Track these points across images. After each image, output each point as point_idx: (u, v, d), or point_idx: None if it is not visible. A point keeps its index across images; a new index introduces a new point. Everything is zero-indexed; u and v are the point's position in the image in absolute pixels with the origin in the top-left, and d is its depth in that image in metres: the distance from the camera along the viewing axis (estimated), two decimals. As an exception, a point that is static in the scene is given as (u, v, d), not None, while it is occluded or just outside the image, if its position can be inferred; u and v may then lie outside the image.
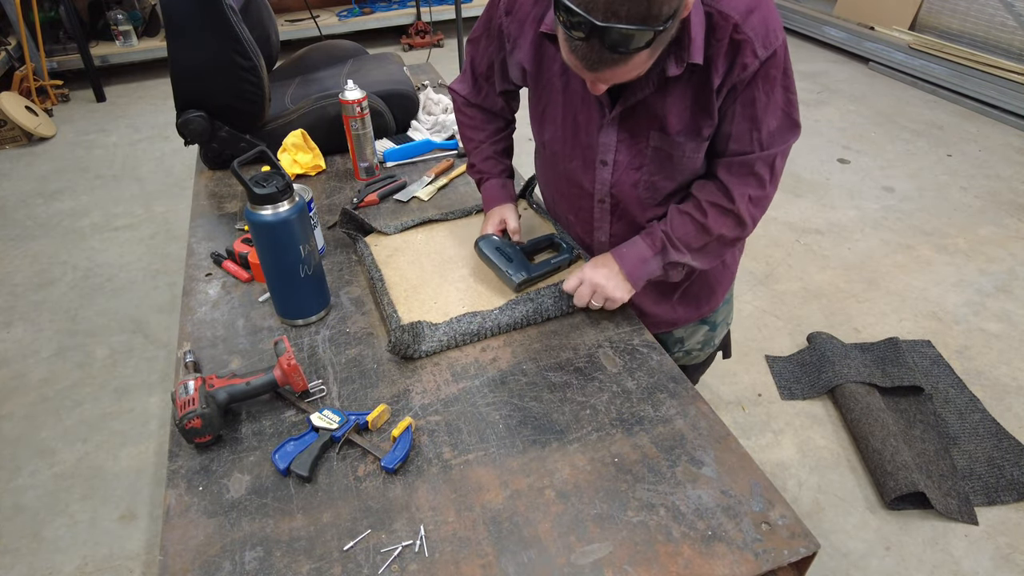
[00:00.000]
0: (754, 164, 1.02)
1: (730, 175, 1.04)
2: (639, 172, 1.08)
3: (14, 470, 1.89)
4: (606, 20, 0.76)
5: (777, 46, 0.92)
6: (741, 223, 1.07)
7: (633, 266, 1.09)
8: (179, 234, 2.94)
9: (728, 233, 1.08)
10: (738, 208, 1.04)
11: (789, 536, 0.78)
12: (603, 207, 1.16)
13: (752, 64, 0.92)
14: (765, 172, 1.03)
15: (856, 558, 1.62)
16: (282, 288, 1.10)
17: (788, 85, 0.97)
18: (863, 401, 1.94)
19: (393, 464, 0.87)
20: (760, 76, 0.94)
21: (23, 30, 4.05)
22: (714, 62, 0.93)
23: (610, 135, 1.06)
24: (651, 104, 1.00)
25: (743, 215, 1.05)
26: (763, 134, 0.99)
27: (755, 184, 1.03)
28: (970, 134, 3.67)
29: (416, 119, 1.81)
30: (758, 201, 1.06)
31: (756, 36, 0.91)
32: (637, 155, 1.06)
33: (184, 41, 1.47)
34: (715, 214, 1.06)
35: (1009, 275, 2.57)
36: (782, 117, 0.99)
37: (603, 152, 1.08)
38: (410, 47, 5.12)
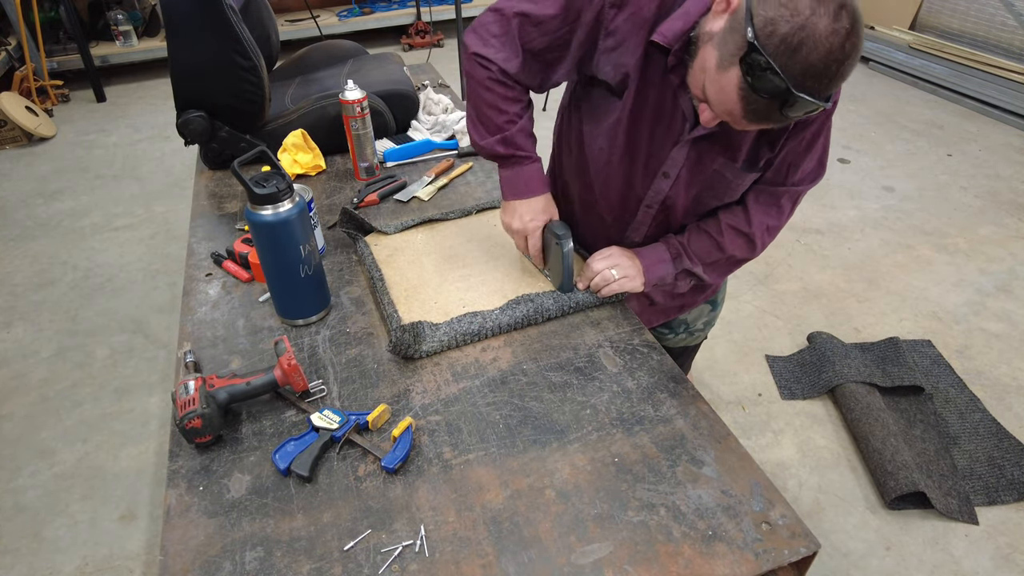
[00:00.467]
0: (781, 196, 1.09)
1: (756, 202, 1.11)
2: (694, 188, 1.12)
3: (14, 470, 1.89)
4: (797, 88, 0.78)
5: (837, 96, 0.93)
6: (752, 247, 1.15)
7: (651, 263, 1.16)
8: (179, 234, 2.94)
9: (739, 254, 1.15)
10: (753, 233, 1.12)
11: (789, 536, 0.78)
12: (649, 212, 1.18)
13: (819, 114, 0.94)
14: (787, 205, 1.11)
15: (856, 558, 1.62)
16: (282, 288, 1.10)
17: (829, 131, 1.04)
18: (863, 401, 1.94)
19: (393, 464, 0.87)
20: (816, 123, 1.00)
21: (23, 30, 4.05)
22: None
23: (682, 152, 1.07)
24: (730, 133, 1.01)
25: (756, 240, 1.13)
26: (800, 172, 1.06)
27: (775, 214, 1.11)
28: (970, 134, 3.66)
29: (416, 119, 1.81)
30: (772, 231, 1.14)
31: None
32: (699, 174, 1.09)
33: (184, 41, 1.47)
34: (731, 235, 1.13)
35: (1009, 275, 2.57)
36: (818, 160, 1.06)
37: (669, 166, 1.09)
38: (410, 47, 5.12)
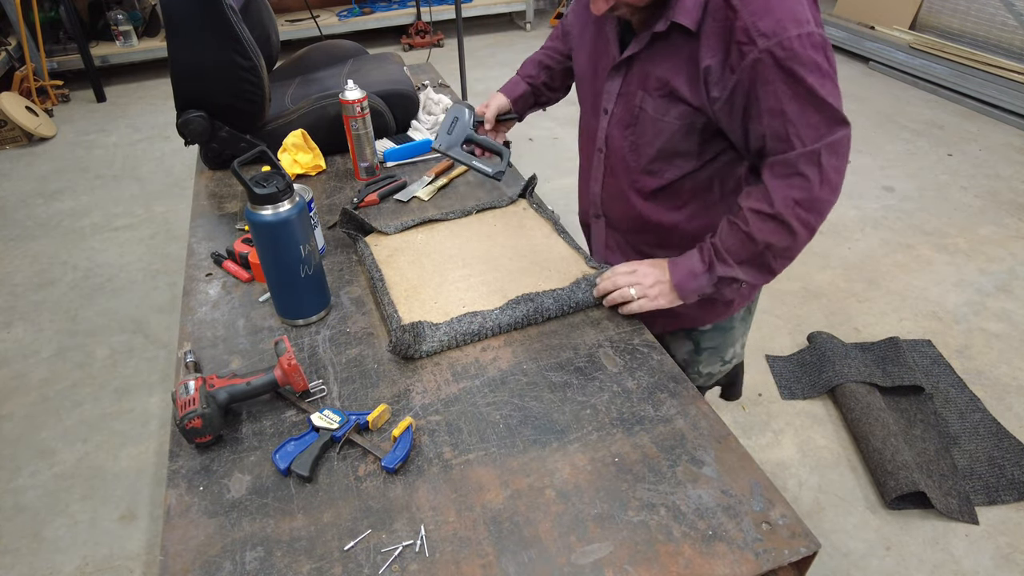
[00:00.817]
0: (796, 163, 0.94)
1: (773, 177, 0.97)
2: (627, 130, 1.09)
3: (14, 470, 1.89)
4: None
5: (786, 36, 0.86)
6: (789, 230, 0.98)
7: (683, 277, 1.07)
8: (179, 234, 2.94)
9: (776, 242, 1.00)
10: (781, 213, 0.97)
11: (789, 536, 0.78)
12: (600, 156, 1.18)
13: (750, 51, 0.88)
14: (811, 171, 0.94)
15: (856, 558, 1.62)
16: (282, 288, 1.10)
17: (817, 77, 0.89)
18: (863, 401, 1.94)
19: (393, 464, 0.87)
20: (772, 66, 0.88)
21: (23, 30, 4.05)
22: (706, 38, 0.92)
23: (614, 84, 1.08)
24: (643, 60, 1.02)
25: (789, 220, 0.97)
26: (799, 128, 0.92)
27: (800, 185, 0.95)
28: (970, 134, 3.67)
29: (416, 119, 1.81)
30: (807, 204, 0.96)
31: (754, 20, 0.86)
32: (628, 111, 1.07)
33: (184, 41, 1.47)
34: (757, 221, 0.99)
35: (1009, 275, 2.57)
36: (817, 109, 0.91)
37: (606, 100, 1.11)
38: (410, 47, 5.12)
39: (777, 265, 1.04)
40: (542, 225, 1.36)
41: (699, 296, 1.08)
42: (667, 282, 1.08)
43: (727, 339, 1.29)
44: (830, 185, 0.96)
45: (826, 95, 0.90)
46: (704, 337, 1.27)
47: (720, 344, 1.29)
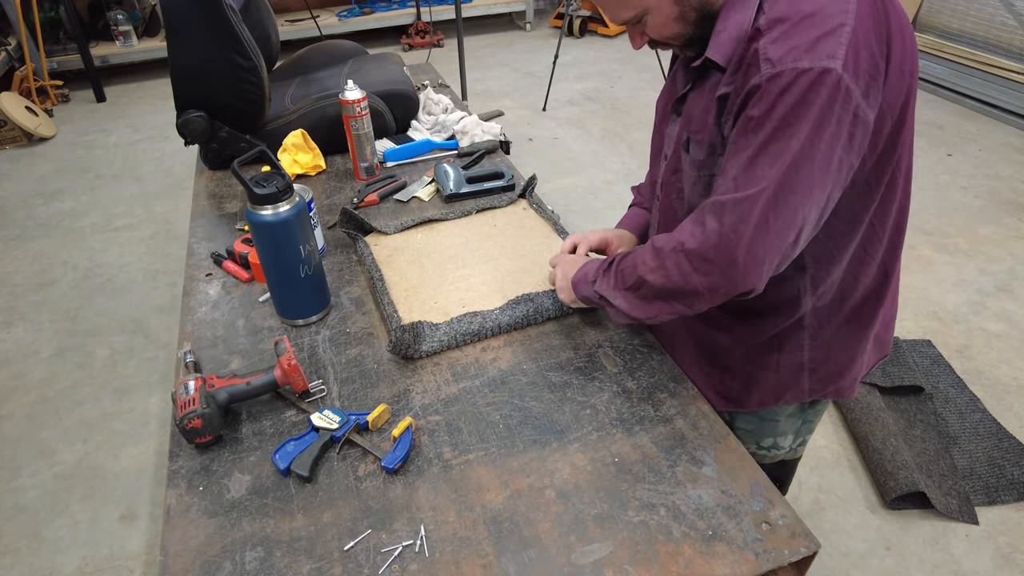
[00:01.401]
0: (704, 209, 0.82)
1: (690, 218, 0.85)
2: (674, 175, 0.97)
3: (14, 470, 1.89)
4: None
5: (790, 68, 0.71)
6: (664, 271, 0.86)
7: (579, 277, 1.02)
8: (179, 234, 2.94)
9: (652, 280, 0.88)
10: (663, 250, 0.86)
11: (789, 536, 0.78)
12: (658, 203, 1.06)
13: (753, 76, 0.74)
14: (711, 224, 0.80)
15: (856, 558, 1.62)
16: (282, 288, 1.10)
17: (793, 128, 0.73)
18: (863, 401, 1.94)
19: (393, 464, 0.87)
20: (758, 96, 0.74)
21: (23, 30, 4.05)
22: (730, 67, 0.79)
23: (673, 129, 0.96)
24: (688, 102, 0.90)
25: (667, 262, 0.85)
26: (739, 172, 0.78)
27: (695, 235, 0.82)
28: (970, 134, 3.67)
29: (416, 119, 1.81)
30: (692, 258, 0.82)
31: (767, 44, 0.73)
32: (677, 158, 0.96)
33: (184, 41, 1.47)
34: (646, 251, 0.89)
35: (1009, 274, 2.57)
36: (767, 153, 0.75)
37: (668, 144, 0.99)
38: (410, 47, 5.12)
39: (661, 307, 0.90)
40: (542, 225, 1.36)
41: (587, 304, 1.03)
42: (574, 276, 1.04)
43: (765, 428, 1.12)
44: (726, 250, 0.79)
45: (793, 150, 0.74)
46: (737, 418, 1.12)
47: (756, 429, 1.12)
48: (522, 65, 4.76)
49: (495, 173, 1.50)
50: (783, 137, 0.74)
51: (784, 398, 1.05)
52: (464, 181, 1.48)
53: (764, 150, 0.75)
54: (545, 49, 5.03)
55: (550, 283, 1.12)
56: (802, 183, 0.75)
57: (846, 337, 1.00)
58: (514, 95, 4.28)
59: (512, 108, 4.11)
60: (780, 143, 0.74)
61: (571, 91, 4.29)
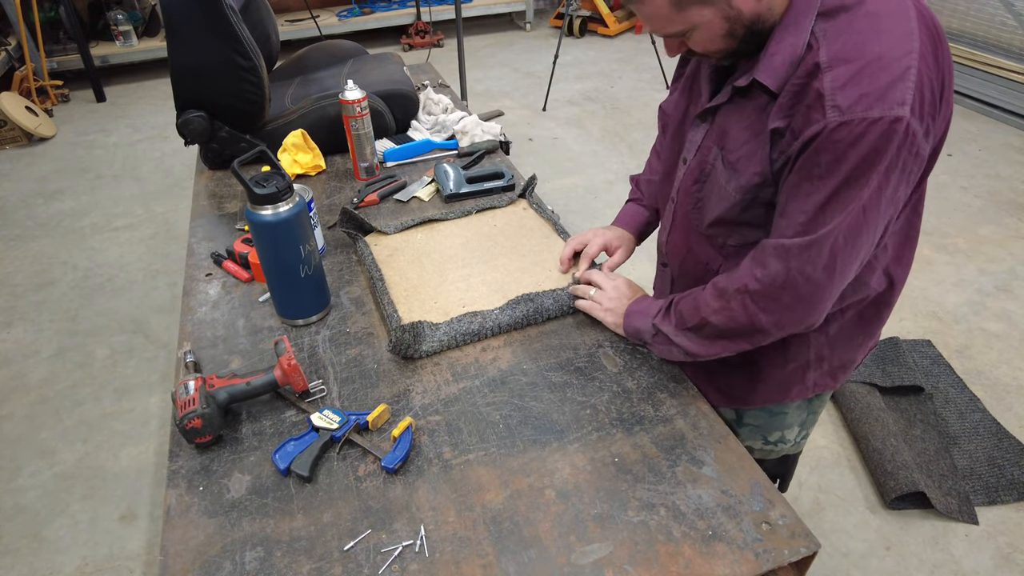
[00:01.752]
0: (767, 250, 0.84)
1: (751, 258, 0.88)
2: (695, 185, 0.98)
3: (14, 470, 1.90)
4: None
5: (860, 117, 0.70)
6: (730, 312, 0.90)
7: (635, 311, 1.04)
8: (179, 234, 2.94)
9: (716, 321, 0.91)
10: (729, 293, 0.89)
11: (789, 536, 0.78)
12: (671, 207, 1.07)
13: (817, 121, 0.73)
14: (776, 268, 0.83)
15: (856, 558, 1.62)
16: (282, 288, 1.10)
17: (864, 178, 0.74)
18: (863, 401, 1.94)
19: (393, 464, 0.87)
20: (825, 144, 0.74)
21: (23, 30, 4.05)
22: (783, 98, 0.79)
23: (696, 134, 0.96)
24: (722, 115, 0.90)
25: (733, 304, 0.89)
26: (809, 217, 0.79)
27: (760, 277, 0.85)
28: (970, 134, 3.67)
29: (416, 119, 1.81)
30: (758, 299, 0.86)
31: (834, 88, 0.72)
32: (700, 166, 0.96)
33: (184, 41, 1.47)
34: (709, 294, 0.92)
35: (1009, 274, 2.57)
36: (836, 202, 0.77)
37: (688, 149, 0.99)
38: (410, 47, 5.12)
39: (718, 347, 0.94)
40: (542, 225, 1.36)
41: (636, 337, 1.03)
42: (627, 305, 1.06)
43: (774, 422, 1.14)
44: (792, 292, 0.84)
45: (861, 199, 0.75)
46: (746, 415, 1.15)
47: (764, 424, 1.15)
48: (522, 65, 4.76)
49: (495, 173, 1.50)
50: (854, 187, 0.75)
51: (790, 395, 1.07)
52: (464, 181, 1.48)
53: (834, 198, 0.77)
54: (545, 49, 5.03)
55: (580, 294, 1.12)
56: (868, 225, 0.78)
57: (851, 337, 1.02)
58: (514, 95, 4.28)
59: (512, 108, 4.11)
60: (851, 192, 0.75)
61: (571, 91, 4.29)
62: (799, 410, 1.12)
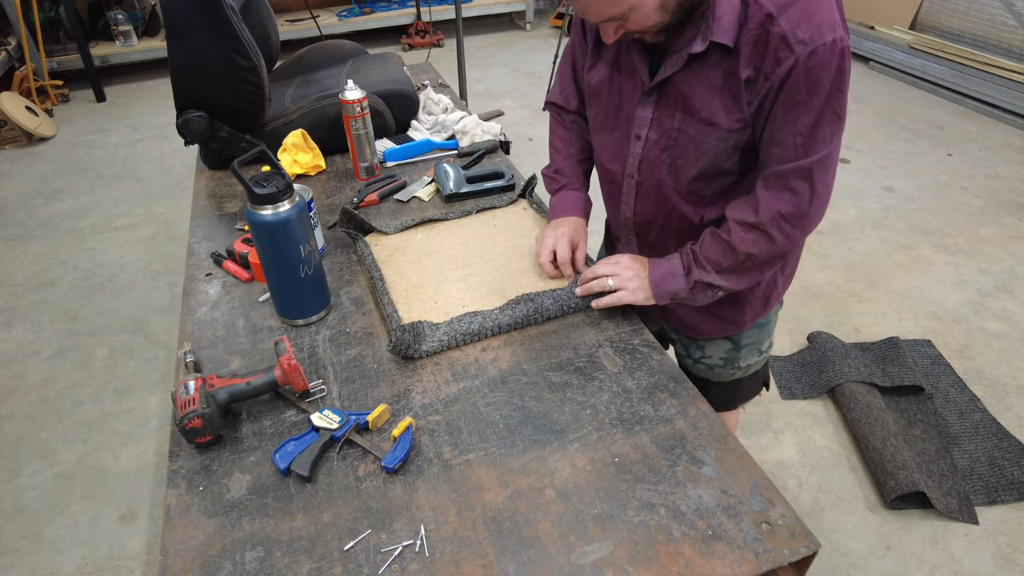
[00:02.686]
0: (788, 177, 0.96)
1: (766, 188, 0.98)
2: (665, 152, 1.06)
3: (14, 470, 1.90)
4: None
5: (822, 43, 0.85)
6: (770, 240, 1.00)
7: (660, 276, 1.08)
8: (179, 234, 2.94)
9: (756, 251, 1.01)
10: (763, 223, 0.98)
11: (789, 536, 0.78)
12: (631, 182, 1.14)
13: (786, 58, 0.87)
14: (802, 187, 0.96)
15: (856, 558, 1.62)
16: (282, 288, 1.10)
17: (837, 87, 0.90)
18: (863, 401, 1.94)
19: (393, 464, 0.87)
20: (800, 74, 0.88)
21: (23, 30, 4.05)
22: (744, 50, 0.90)
23: (646, 109, 1.04)
24: (678, 83, 0.98)
25: (771, 232, 0.99)
26: (805, 139, 0.92)
27: (788, 199, 0.97)
28: (970, 134, 3.67)
29: (416, 119, 1.81)
30: (792, 220, 0.98)
31: (793, 28, 0.86)
32: (664, 135, 1.04)
33: (184, 41, 1.47)
34: (740, 231, 1.01)
35: (1009, 274, 2.57)
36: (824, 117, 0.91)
37: (639, 126, 1.07)
38: (410, 47, 5.12)
39: (758, 272, 1.06)
40: (542, 225, 1.36)
41: (673, 299, 1.09)
42: (646, 278, 1.09)
43: (764, 332, 1.31)
44: (818, 202, 0.97)
45: (840, 108, 0.91)
46: (744, 336, 1.28)
47: (758, 338, 1.30)
48: (522, 65, 4.76)
49: (495, 173, 1.50)
50: (834, 101, 0.90)
51: (769, 304, 1.24)
52: (464, 181, 1.47)
53: (823, 116, 0.91)
54: (545, 49, 5.03)
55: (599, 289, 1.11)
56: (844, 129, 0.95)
57: None
58: (514, 95, 4.28)
59: (512, 108, 4.11)
60: (833, 106, 0.91)
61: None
62: (775, 314, 1.30)
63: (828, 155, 0.94)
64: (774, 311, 1.28)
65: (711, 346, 1.31)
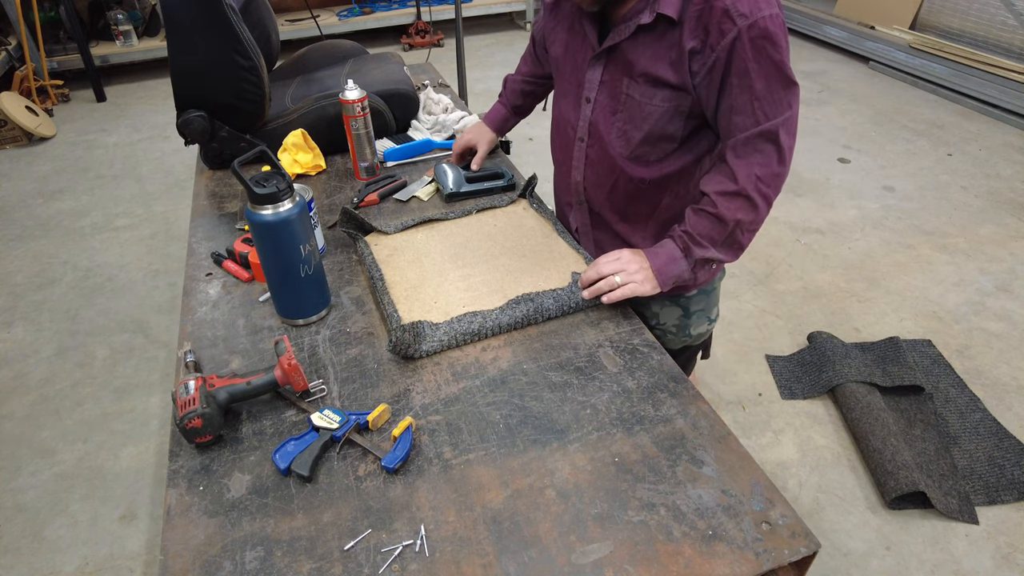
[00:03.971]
0: (755, 140, 1.03)
1: (736, 156, 1.05)
2: (614, 116, 1.13)
3: (14, 470, 1.90)
4: None
5: (760, 16, 0.94)
6: (752, 204, 1.07)
7: (663, 263, 1.12)
8: (179, 234, 2.94)
9: (743, 217, 1.07)
10: (744, 188, 1.05)
11: (789, 536, 0.78)
12: (581, 146, 1.22)
13: (730, 30, 0.95)
14: (769, 148, 1.03)
15: (856, 558, 1.62)
16: (282, 288, 1.10)
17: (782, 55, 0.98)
18: (863, 401, 1.94)
19: (393, 464, 0.87)
20: (746, 44, 0.95)
21: (23, 30, 4.05)
22: (688, 23, 0.97)
23: (596, 73, 1.13)
24: (626, 49, 1.06)
25: (752, 195, 1.05)
26: (764, 104, 1.00)
27: (760, 161, 1.04)
28: (971, 133, 3.67)
29: (416, 119, 1.81)
30: (767, 180, 1.05)
31: (734, 3, 0.94)
32: (613, 98, 1.12)
33: (184, 41, 1.47)
34: (724, 201, 1.07)
35: (1009, 274, 2.57)
36: (782, 85, 0.99)
37: (588, 89, 1.15)
38: (410, 47, 5.12)
39: (745, 240, 1.12)
40: (542, 225, 1.36)
41: (676, 282, 1.13)
42: (649, 268, 1.12)
43: (711, 299, 1.38)
44: (785, 160, 1.05)
45: (789, 72, 0.99)
46: (692, 302, 1.35)
47: (706, 305, 1.37)
48: (522, 65, 4.75)
49: (495, 173, 1.50)
50: (782, 66, 0.98)
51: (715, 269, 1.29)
52: (464, 181, 1.48)
53: (776, 80, 0.99)
54: (545, 49, 5.03)
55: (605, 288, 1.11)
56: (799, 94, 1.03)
57: None
58: (514, 95, 4.27)
59: (512, 108, 4.10)
60: (783, 71, 0.99)
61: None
62: (719, 282, 1.38)
63: (790, 117, 1.02)
64: (718, 278, 1.37)
65: (664, 312, 1.37)
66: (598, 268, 1.13)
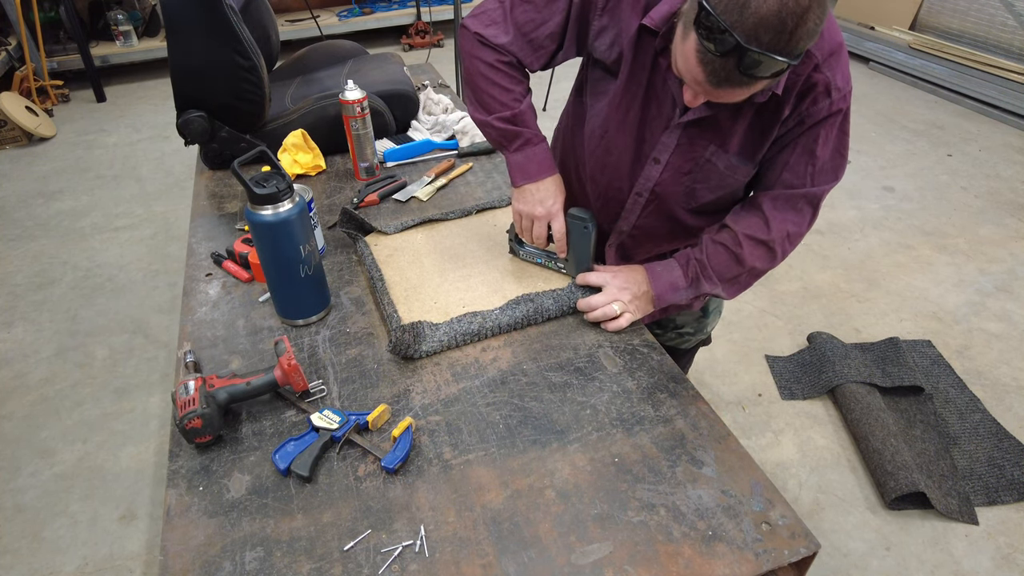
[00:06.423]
0: (798, 200, 1.04)
1: (775, 208, 1.05)
2: (685, 177, 1.09)
3: (14, 470, 1.89)
4: (748, 42, 0.76)
5: (848, 91, 0.96)
6: (772, 256, 1.08)
7: (663, 290, 1.11)
8: (179, 234, 2.94)
9: (760, 265, 1.09)
10: (773, 240, 1.06)
11: (789, 536, 0.78)
12: (638, 200, 1.15)
13: (824, 104, 0.95)
14: (807, 209, 1.06)
15: (856, 558, 1.62)
16: (282, 288, 1.10)
17: (847, 128, 1.01)
18: (863, 401, 1.94)
19: (393, 464, 0.87)
20: (831, 117, 0.97)
21: (23, 30, 4.05)
22: (789, 94, 0.95)
23: (672, 137, 1.06)
24: (720, 121, 1.01)
25: (776, 248, 1.07)
26: (816, 170, 1.01)
27: (795, 220, 1.06)
28: (970, 134, 3.67)
29: (416, 119, 1.81)
30: (794, 238, 1.08)
31: (834, 77, 0.94)
32: (689, 161, 1.07)
33: (184, 41, 1.47)
34: (750, 246, 1.07)
35: (1009, 275, 2.57)
36: (835, 157, 1.02)
37: (660, 151, 1.08)
38: (410, 47, 5.12)
39: (749, 283, 1.14)
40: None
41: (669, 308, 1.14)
42: (647, 293, 1.11)
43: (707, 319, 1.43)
44: (812, 224, 1.09)
45: (847, 144, 1.03)
46: (711, 301, 1.37)
47: (720, 302, 1.41)
48: (522, 65, 4.75)
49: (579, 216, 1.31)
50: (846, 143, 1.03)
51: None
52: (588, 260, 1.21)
53: (839, 153, 1.02)
54: (545, 49, 5.02)
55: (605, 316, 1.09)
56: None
57: None
58: (514, 95, 4.27)
59: (512, 108, 4.10)
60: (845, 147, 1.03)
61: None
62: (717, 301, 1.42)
63: (832, 188, 1.04)
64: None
65: (683, 315, 1.39)
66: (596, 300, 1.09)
